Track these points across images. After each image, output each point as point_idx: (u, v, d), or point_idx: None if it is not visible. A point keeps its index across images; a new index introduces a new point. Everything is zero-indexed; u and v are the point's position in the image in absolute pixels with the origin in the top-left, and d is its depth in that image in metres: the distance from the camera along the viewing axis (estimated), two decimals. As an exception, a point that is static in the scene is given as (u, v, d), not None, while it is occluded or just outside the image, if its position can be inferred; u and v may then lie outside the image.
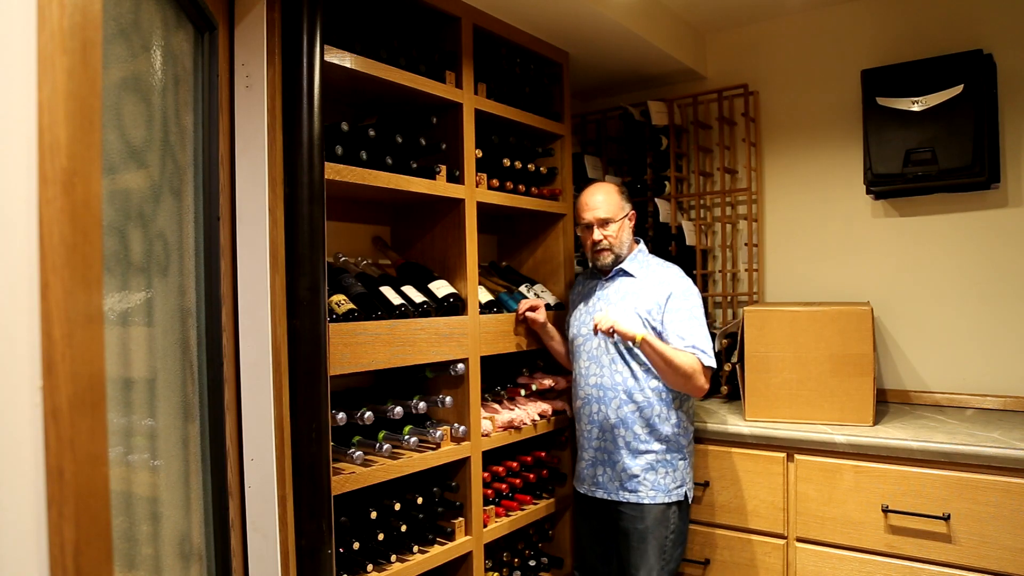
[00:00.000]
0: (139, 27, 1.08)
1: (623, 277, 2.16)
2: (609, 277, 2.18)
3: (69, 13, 0.69)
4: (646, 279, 2.12)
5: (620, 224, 2.13)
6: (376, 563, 1.75)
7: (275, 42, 1.51)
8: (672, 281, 2.09)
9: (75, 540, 0.68)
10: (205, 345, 1.35)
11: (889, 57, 2.52)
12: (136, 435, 1.05)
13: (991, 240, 2.39)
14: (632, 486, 2.05)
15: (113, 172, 0.97)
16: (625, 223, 2.15)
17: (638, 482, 2.04)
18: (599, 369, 2.11)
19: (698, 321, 2.04)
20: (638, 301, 2.08)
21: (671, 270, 2.14)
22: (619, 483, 2.07)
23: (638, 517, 2.03)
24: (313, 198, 1.51)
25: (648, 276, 2.13)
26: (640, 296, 2.09)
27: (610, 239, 2.12)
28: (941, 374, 2.47)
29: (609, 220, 2.11)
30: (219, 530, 1.36)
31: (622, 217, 2.14)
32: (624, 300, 2.10)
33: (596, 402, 2.10)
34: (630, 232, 2.19)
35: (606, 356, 2.10)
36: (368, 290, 1.85)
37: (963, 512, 1.84)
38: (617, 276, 2.17)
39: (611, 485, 2.09)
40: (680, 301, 2.05)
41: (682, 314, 2.03)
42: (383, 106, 2.08)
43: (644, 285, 2.11)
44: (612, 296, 2.14)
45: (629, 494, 2.05)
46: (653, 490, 2.03)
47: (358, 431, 1.86)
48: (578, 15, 2.26)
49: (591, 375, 2.12)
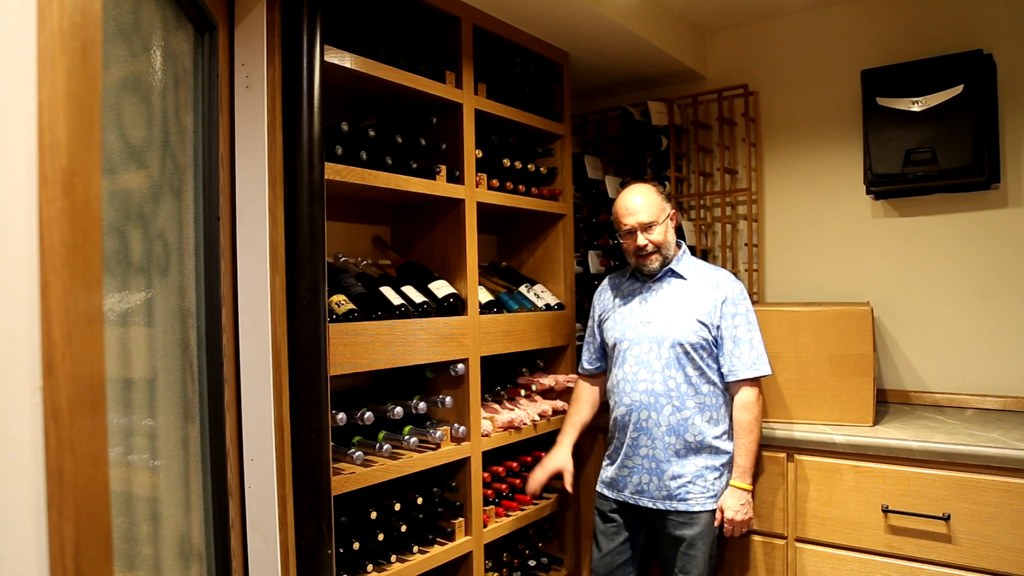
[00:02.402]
0: (139, 27, 1.08)
1: (673, 279, 2.08)
2: (657, 279, 2.09)
3: (69, 13, 0.69)
4: (698, 281, 2.05)
5: (664, 226, 2.04)
6: (376, 563, 1.75)
7: (275, 42, 1.51)
8: (726, 284, 2.04)
9: (75, 540, 0.68)
10: (205, 345, 1.35)
11: (889, 57, 2.52)
12: (136, 435, 1.05)
13: (991, 240, 2.39)
14: (682, 494, 1.98)
15: (113, 172, 0.97)
16: (668, 224, 2.06)
17: (687, 490, 1.98)
18: (650, 374, 2.01)
19: (752, 326, 2.01)
20: (693, 304, 2.02)
21: (722, 272, 2.08)
22: (667, 491, 1.99)
23: (687, 524, 1.97)
24: (313, 198, 1.51)
25: (700, 278, 2.06)
26: (694, 299, 2.02)
27: (655, 242, 2.03)
28: (941, 374, 2.47)
29: (652, 223, 2.02)
30: (219, 530, 1.36)
31: (665, 218, 2.04)
32: (678, 303, 2.04)
33: (646, 408, 2.01)
34: (674, 232, 2.11)
35: (658, 361, 2.01)
36: (368, 290, 1.85)
37: (963, 512, 1.84)
38: (666, 277, 2.09)
39: (658, 493, 2.01)
40: (735, 306, 2.01)
41: (738, 319, 2.00)
42: (383, 106, 2.08)
43: (697, 287, 2.04)
44: (664, 299, 2.06)
45: (679, 503, 1.98)
46: (703, 496, 1.98)
47: (358, 431, 1.86)
48: (578, 15, 2.26)
49: (640, 380, 2.02)
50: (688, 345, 1.98)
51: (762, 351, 2.01)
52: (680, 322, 2.01)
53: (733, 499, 1.97)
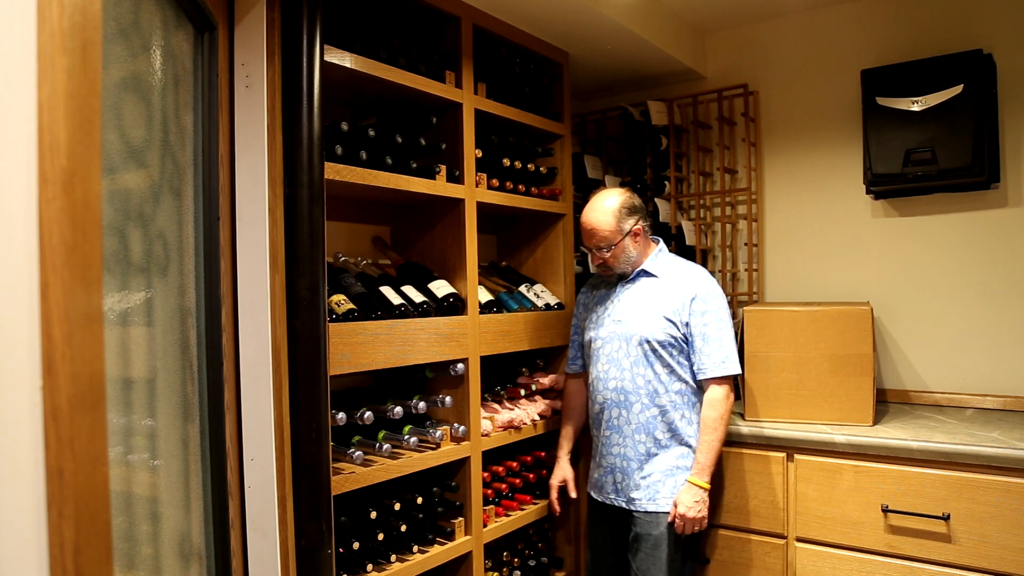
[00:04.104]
0: (139, 27, 1.08)
1: (645, 278, 2.10)
2: (631, 279, 2.12)
3: (69, 13, 0.69)
4: (670, 279, 2.07)
5: (619, 245, 2.04)
6: (376, 563, 1.75)
7: (275, 42, 1.51)
8: (697, 282, 2.04)
9: (75, 540, 0.68)
10: (205, 345, 1.35)
11: (889, 57, 2.52)
12: (136, 435, 1.05)
13: (991, 240, 2.39)
14: (650, 493, 1.99)
15: (113, 172, 0.97)
16: (625, 243, 2.05)
17: (656, 489, 1.99)
18: (619, 372, 2.04)
19: (723, 324, 1.99)
20: (661, 301, 2.03)
21: (696, 270, 2.09)
22: (636, 488, 2.01)
23: (653, 523, 1.98)
24: (313, 198, 1.51)
25: (672, 276, 2.07)
26: (663, 296, 2.04)
27: (611, 260, 2.07)
28: (941, 374, 2.47)
29: (605, 246, 2.05)
30: (219, 530, 1.36)
31: (620, 240, 2.04)
32: (647, 301, 2.05)
33: (616, 406, 2.04)
34: (638, 244, 2.08)
35: (627, 359, 2.03)
36: (368, 290, 1.85)
37: (963, 512, 1.84)
38: (639, 277, 2.11)
39: (628, 492, 2.03)
40: (704, 303, 2.00)
41: (707, 316, 1.99)
42: (383, 106, 2.07)
43: (667, 285, 2.06)
44: (634, 297, 2.08)
45: (647, 502, 1.99)
46: (671, 496, 1.98)
47: (358, 431, 1.86)
48: (578, 15, 2.26)
49: (610, 379, 2.05)
50: (655, 342, 1.99)
51: (732, 350, 1.99)
52: (647, 320, 2.02)
53: (688, 495, 1.94)
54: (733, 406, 2.03)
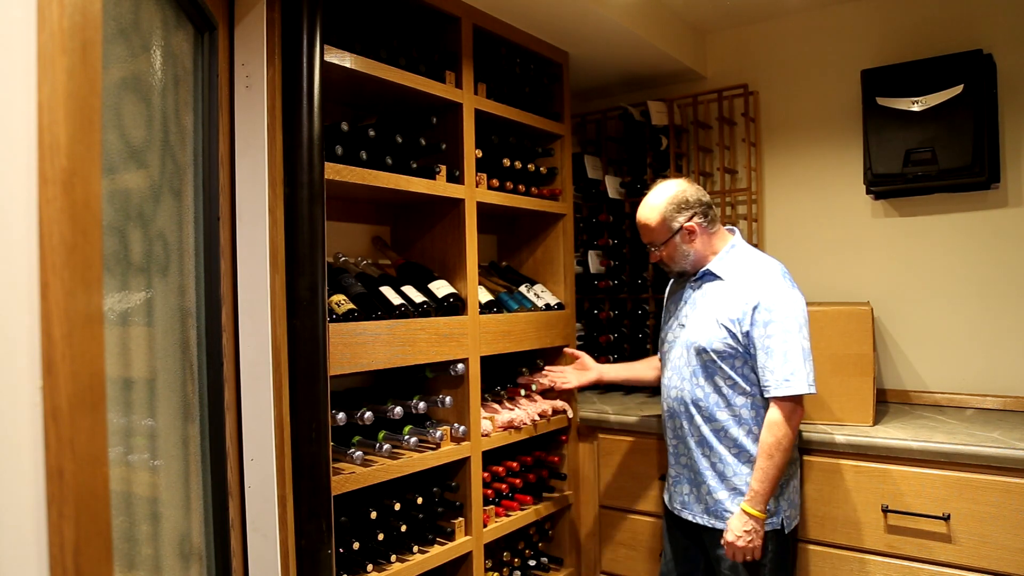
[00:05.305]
0: (139, 27, 1.08)
1: (711, 279, 1.91)
2: (696, 279, 1.94)
3: (69, 13, 0.69)
4: (735, 281, 1.85)
5: (670, 244, 1.90)
6: (376, 563, 1.75)
7: (275, 42, 1.51)
8: (763, 287, 1.80)
9: (75, 540, 0.68)
10: (205, 345, 1.35)
11: (889, 57, 2.52)
12: (136, 435, 1.05)
13: (991, 240, 2.39)
14: (719, 513, 1.84)
15: (113, 172, 0.97)
16: (676, 242, 1.89)
17: (725, 507, 1.83)
18: (680, 382, 1.90)
19: (790, 336, 1.75)
20: (722, 308, 1.83)
21: (764, 272, 1.84)
22: (705, 507, 1.87)
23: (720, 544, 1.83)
24: (313, 198, 1.51)
25: (738, 278, 1.85)
26: (726, 302, 1.83)
27: (665, 259, 1.94)
28: (941, 374, 2.47)
29: (653, 245, 1.93)
30: (219, 530, 1.36)
31: (669, 238, 1.89)
32: (709, 307, 1.87)
33: (678, 416, 1.92)
34: (695, 242, 1.90)
35: (687, 368, 1.88)
36: (368, 290, 1.85)
37: (963, 512, 1.84)
38: (705, 278, 1.92)
39: (697, 507, 1.89)
40: (769, 312, 1.77)
41: (771, 328, 1.76)
42: (383, 106, 2.08)
43: (732, 289, 1.84)
44: (699, 301, 1.91)
45: (716, 520, 1.84)
46: None
47: (358, 431, 1.86)
48: (578, 15, 2.26)
49: (672, 387, 1.93)
50: (713, 352, 1.82)
51: (799, 365, 1.74)
52: (706, 328, 1.85)
53: (738, 523, 1.76)
54: (798, 428, 1.80)
